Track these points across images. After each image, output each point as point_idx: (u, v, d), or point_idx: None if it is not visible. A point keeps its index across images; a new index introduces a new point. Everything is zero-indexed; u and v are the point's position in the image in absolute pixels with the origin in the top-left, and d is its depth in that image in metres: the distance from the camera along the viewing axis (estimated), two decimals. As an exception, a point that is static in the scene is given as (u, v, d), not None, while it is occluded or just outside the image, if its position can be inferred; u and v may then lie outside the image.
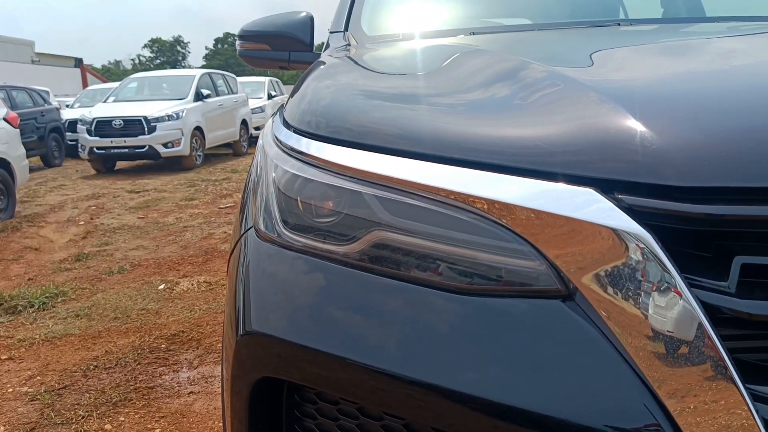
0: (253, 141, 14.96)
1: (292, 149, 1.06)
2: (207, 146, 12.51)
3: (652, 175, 0.73)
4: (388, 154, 0.92)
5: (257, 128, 15.83)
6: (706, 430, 0.67)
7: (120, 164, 12.24)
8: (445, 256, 0.83)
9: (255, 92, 17.07)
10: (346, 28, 2.20)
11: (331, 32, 2.25)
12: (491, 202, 0.80)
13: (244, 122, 14.56)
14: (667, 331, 0.69)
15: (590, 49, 1.33)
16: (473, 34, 1.93)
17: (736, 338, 0.70)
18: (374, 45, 1.96)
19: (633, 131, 0.78)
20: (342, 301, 0.90)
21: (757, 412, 0.66)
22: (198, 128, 12.00)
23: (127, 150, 11.25)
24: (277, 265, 0.99)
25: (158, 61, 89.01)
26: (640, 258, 0.71)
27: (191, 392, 2.87)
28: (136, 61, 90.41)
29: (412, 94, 1.13)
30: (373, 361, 0.82)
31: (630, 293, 0.72)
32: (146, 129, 11.12)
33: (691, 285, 0.69)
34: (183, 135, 11.42)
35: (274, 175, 1.07)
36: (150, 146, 11.15)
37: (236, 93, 14.55)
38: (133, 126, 11.16)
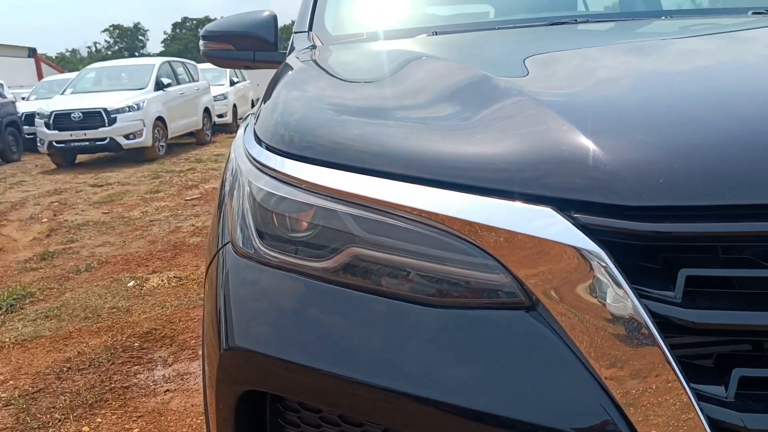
0: (216, 129, 14.81)
1: (266, 166, 1.09)
2: (170, 136, 12.35)
3: (604, 195, 0.79)
4: (359, 173, 0.96)
5: (220, 116, 15.68)
6: (655, 426, 0.75)
7: (81, 157, 12.02)
8: (418, 271, 0.89)
9: (217, 79, 16.81)
10: (310, 28, 2.22)
11: (296, 32, 2.26)
12: (456, 221, 0.85)
13: (206, 110, 14.38)
14: (621, 339, 0.76)
15: (548, 57, 1.39)
16: (436, 33, 1.97)
17: (683, 344, 0.77)
18: (338, 47, 1.99)
19: (585, 151, 0.83)
20: (320, 316, 0.95)
21: (701, 410, 0.73)
22: (160, 118, 11.83)
23: (87, 143, 11.04)
24: (255, 280, 1.03)
25: (116, 47, 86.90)
26: (593, 273, 0.77)
27: (167, 390, 2.89)
28: (93, 49, 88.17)
29: (378, 108, 1.17)
30: (350, 373, 0.88)
31: (584, 305, 0.78)
32: (106, 121, 10.93)
33: (641, 296, 0.76)
34: (144, 126, 11.26)
35: (248, 190, 1.10)
36: (111, 138, 10.97)
37: (197, 81, 14.35)
38: (93, 118, 10.96)
